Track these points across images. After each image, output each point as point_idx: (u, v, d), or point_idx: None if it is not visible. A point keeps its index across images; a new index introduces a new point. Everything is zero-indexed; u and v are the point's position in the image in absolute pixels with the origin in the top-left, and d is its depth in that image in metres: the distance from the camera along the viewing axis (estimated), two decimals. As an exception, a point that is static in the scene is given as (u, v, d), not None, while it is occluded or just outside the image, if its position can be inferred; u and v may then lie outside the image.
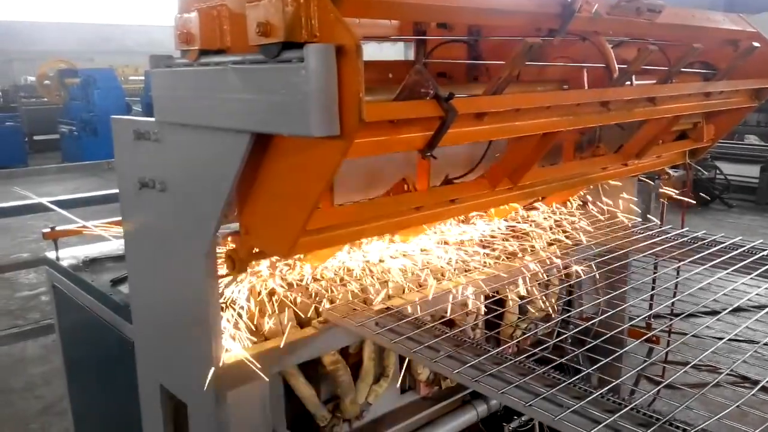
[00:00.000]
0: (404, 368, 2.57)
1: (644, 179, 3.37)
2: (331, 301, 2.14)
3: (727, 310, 2.20)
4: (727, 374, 1.71)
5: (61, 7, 28.56)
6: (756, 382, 1.65)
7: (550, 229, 2.99)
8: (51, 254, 2.93)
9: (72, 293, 2.73)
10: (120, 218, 2.20)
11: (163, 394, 2.12)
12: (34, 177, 13.15)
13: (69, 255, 2.88)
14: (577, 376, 1.61)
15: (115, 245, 2.94)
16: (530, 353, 1.78)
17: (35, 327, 5.54)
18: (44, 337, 5.42)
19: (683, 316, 2.18)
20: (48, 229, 3.13)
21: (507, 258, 2.68)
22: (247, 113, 1.49)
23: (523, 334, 2.89)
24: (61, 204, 4.53)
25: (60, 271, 2.83)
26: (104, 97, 15.56)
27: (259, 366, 1.96)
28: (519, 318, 2.76)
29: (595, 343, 1.94)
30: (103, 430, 2.93)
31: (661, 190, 3.32)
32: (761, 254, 2.60)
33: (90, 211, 4.44)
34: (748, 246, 2.68)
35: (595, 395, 1.52)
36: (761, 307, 2.11)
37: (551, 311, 2.83)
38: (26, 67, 23.18)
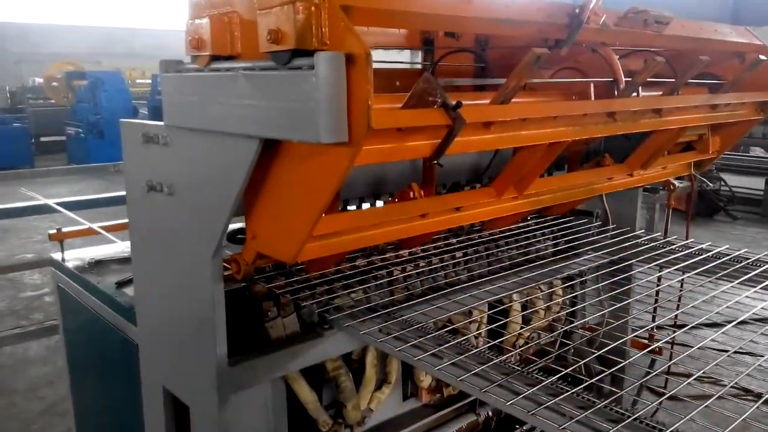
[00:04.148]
0: (407, 375, 2.57)
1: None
2: (336, 307, 2.15)
3: (732, 323, 2.19)
4: (731, 387, 1.71)
5: (70, 10, 28.74)
6: (759, 395, 1.65)
7: (555, 238, 2.99)
8: (56, 255, 2.94)
9: (77, 294, 2.74)
10: (126, 220, 2.22)
11: (166, 397, 2.12)
12: (40, 178, 13.19)
13: (74, 256, 2.89)
14: (580, 386, 1.61)
15: (120, 247, 2.96)
16: (534, 363, 1.78)
17: (39, 328, 5.56)
18: (47, 338, 5.44)
19: (687, 328, 2.18)
20: (54, 231, 3.15)
21: (511, 267, 2.68)
22: (257, 119, 1.50)
23: (527, 343, 2.89)
24: (66, 205, 4.57)
25: (65, 273, 2.84)
26: (111, 99, 15.63)
27: (262, 370, 1.96)
28: (522, 327, 2.76)
29: (598, 353, 1.94)
30: (105, 431, 2.93)
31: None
32: (766, 267, 2.59)
33: (95, 213, 4.47)
34: (753, 258, 2.67)
35: (598, 405, 1.52)
36: (765, 320, 2.11)
37: (555, 321, 2.83)
38: (34, 69, 23.27)
